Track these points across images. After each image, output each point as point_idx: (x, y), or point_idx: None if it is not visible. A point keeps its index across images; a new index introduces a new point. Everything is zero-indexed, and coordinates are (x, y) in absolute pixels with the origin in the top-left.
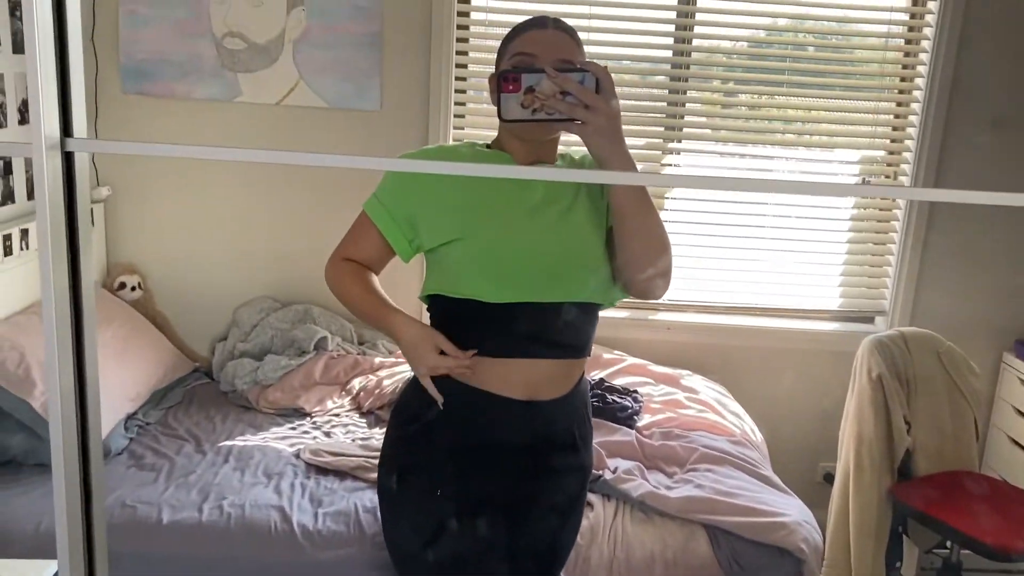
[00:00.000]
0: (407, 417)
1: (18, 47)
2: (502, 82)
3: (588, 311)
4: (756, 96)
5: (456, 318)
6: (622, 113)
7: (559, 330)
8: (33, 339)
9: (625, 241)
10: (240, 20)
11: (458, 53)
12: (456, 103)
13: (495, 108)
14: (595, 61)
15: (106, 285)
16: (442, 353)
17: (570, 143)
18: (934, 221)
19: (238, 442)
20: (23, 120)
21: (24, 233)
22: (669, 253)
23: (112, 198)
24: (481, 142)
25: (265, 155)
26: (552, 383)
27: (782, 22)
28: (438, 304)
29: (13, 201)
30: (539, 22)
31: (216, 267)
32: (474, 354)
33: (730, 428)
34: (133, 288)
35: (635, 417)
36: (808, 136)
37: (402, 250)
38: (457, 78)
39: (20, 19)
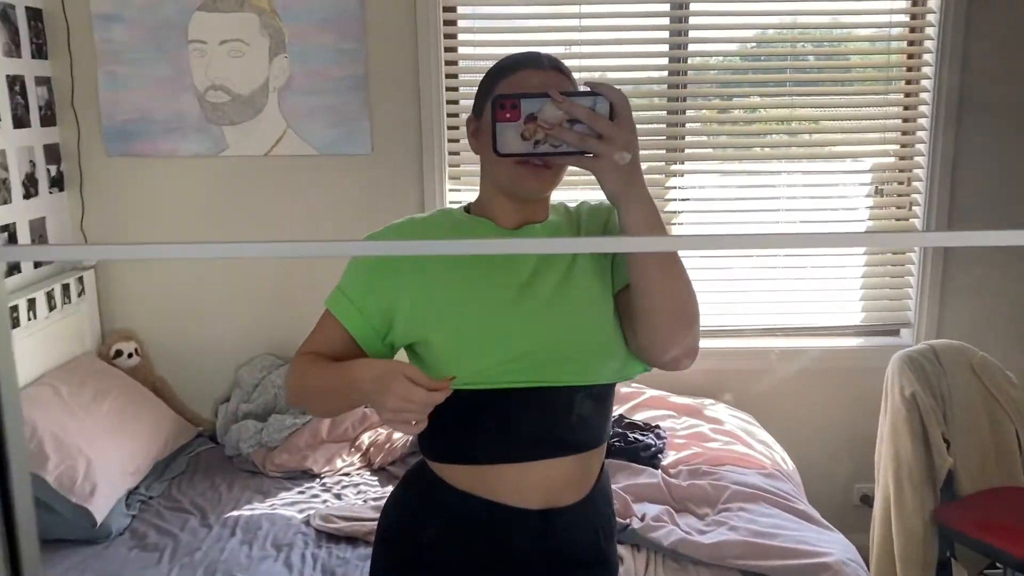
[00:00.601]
0: (396, 541)
1: (18, 122)
2: (497, 109)
3: (603, 393)
4: (757, 110)
5: (447, 418)
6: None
7: (570, 422)
8: (43, 412)
9: (646, 309)
10: (222, 72)
11: (448, 90)
12: (449, 140)
13: (482, 151)
14: (608, 83)
15: (101, 354)
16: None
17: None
18: (955, 225)
19: (245, 511)
20: (27, 195)
21: (31, 303)
22: (698, 321)
23: (103, 263)
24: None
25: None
26: (570, 485)
27: (779, 31)
28: None
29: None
30: (532, 60)
31: (214, 326)
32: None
33: (760, 460)
34: (130, 355)
35: (659, 455)
36: (817, 147)
37: (375, 351)
38: (449, 114)
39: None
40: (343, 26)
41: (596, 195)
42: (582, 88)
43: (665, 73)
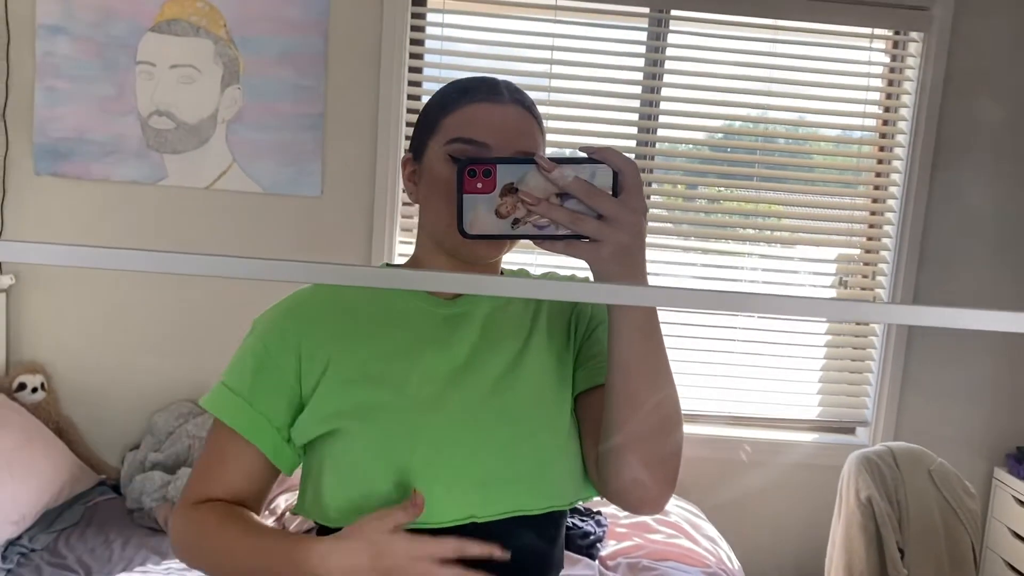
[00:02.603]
0: None
1: None
2: (465, 176)
3: (553, 521)
4: (724, 189)
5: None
6: None
7: (510, 557)
8: None
9: (623, 420)
10: (169, 98)
11: (407, 138)
12: (404, 189)
13: (421, 200)
14: (613, 148)
15: (2, 386)
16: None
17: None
18: (916, 326)
19: (136, 574)
20: None
21: None
22: (680, 452)
23: (16, 287)
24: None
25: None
26: None
27: (746, 123)
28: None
29: None
30: (488, 89)
31: (131, 366)
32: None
33: (704, 557)
34: (35, 389)
35: (598, 544)
36: (783, 232)
37: (280, 455)
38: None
39: None
40: (303, 61)
41: (559, 262)
42: (576, 153)
43: (633, 143)
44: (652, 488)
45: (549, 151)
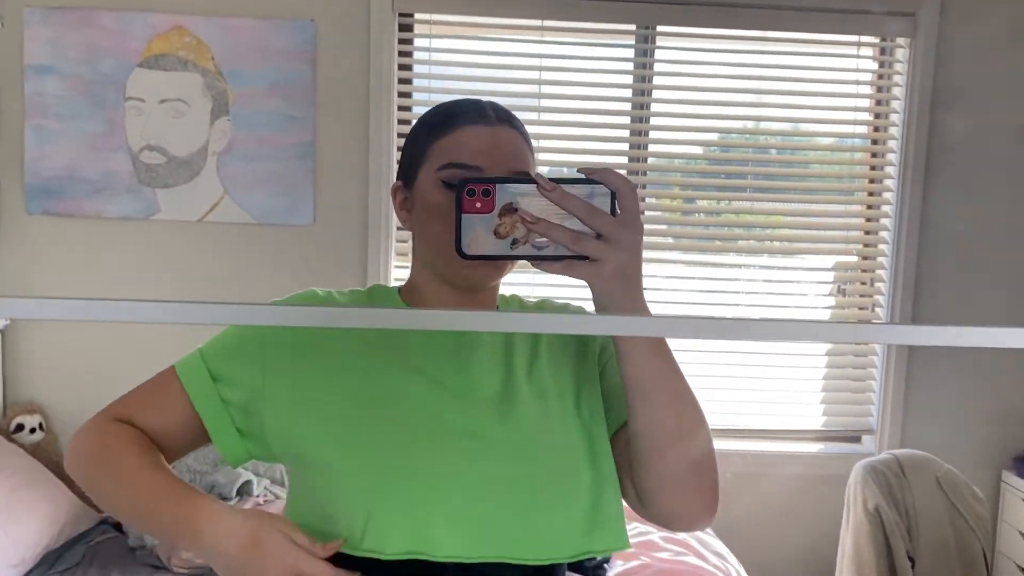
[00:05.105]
0: None
1: None
2: (464, 197)
3: (546, 573)
4: (718, 202)
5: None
6: None
7: None
8: None
9: (646, 435)
10: (159, 132)
11: (399, 163)
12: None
13: (415, 227)
14: (611, 168)
15: (0, 427)
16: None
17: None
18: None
19: None
20: None
21: None
22: (715, 464)
23: (11, 328)
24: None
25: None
26: None
27: (742, 135)
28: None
29: None
30: (476, 112)
31: None
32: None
33: (712, 574)
34: (33, 430)
35: (605, 566)
36: (781, 242)
37: (228, 447)
38: None
39: None
40: (292, 92)
41: (556, 282)
42: (575, 174)
43: (625, 160)
44: (697, 502)
45: (541, 171)
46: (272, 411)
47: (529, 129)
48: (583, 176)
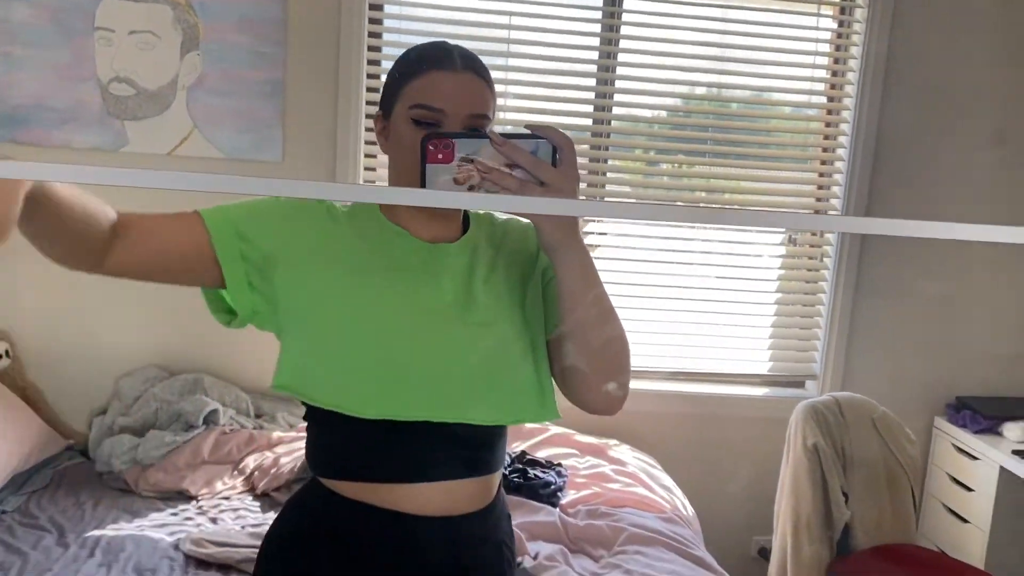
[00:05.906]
0: (283, 558)
1: None
2: (427, 148)
3: (506, 429)
4: (679, 165)
5: (338, 438)
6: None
7: (478, 454)
8: None
9: (578, 354)
10: (129, 64)
11: (368, 103)
12: (366, 155)
13: (392, 153)
14: (552, 126)
15: None
16: None
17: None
18: (863, 282)
19: (109, 531)
20: None
21: None
22: (629, 364)
23: None
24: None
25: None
26: (472, 499)
27: (702, 91)
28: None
29: None
30: (444, 58)
31: (97, 332)
32: None
33: (660, 504)
34: (0, 356)
35: (559, 494)
36: (734, 207)
37: (238, 296)
38: (367, 128)
39: None
40: (263, 27)
41: None
42: (522, 130)
43: (589, 121)
44: (601, 380)
45: (508, 120)
46: (284, 276)
47: (497, 75)
48: (529, 132)
